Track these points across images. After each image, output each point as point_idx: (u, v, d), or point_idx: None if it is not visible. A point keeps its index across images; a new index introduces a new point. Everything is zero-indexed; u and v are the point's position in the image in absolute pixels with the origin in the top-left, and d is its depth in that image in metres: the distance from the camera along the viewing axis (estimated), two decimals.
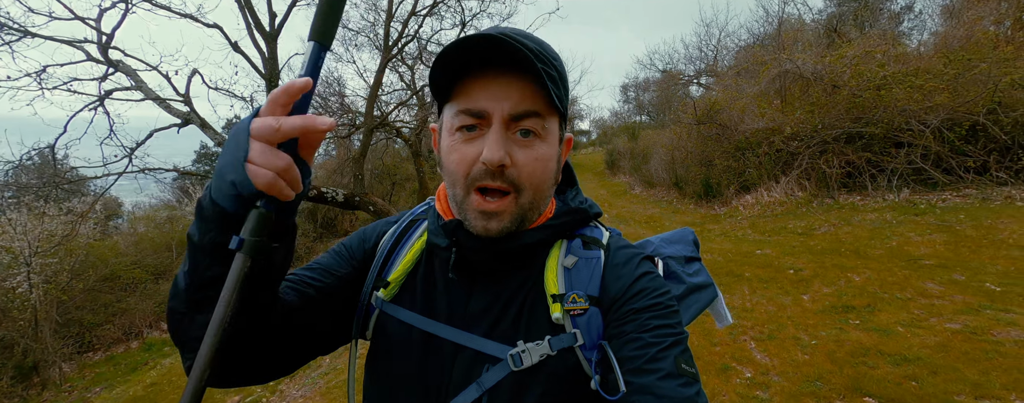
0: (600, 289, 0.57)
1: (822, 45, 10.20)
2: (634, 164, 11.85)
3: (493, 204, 0.54)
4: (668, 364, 0.50)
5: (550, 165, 0.57)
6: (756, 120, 7.83)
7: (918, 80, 6.34)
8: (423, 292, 0.62)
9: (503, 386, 0.54)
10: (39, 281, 7.41)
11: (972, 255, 3.99)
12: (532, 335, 0.56)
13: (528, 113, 0.53)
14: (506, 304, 0.58)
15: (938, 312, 2.96)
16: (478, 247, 0.56)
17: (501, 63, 0.52)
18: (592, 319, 0.55)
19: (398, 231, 0.69)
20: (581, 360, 0.55)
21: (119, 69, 6.16)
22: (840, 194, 6.64)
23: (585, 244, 0.61)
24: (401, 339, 0.60)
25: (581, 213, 0.63)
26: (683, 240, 0.83)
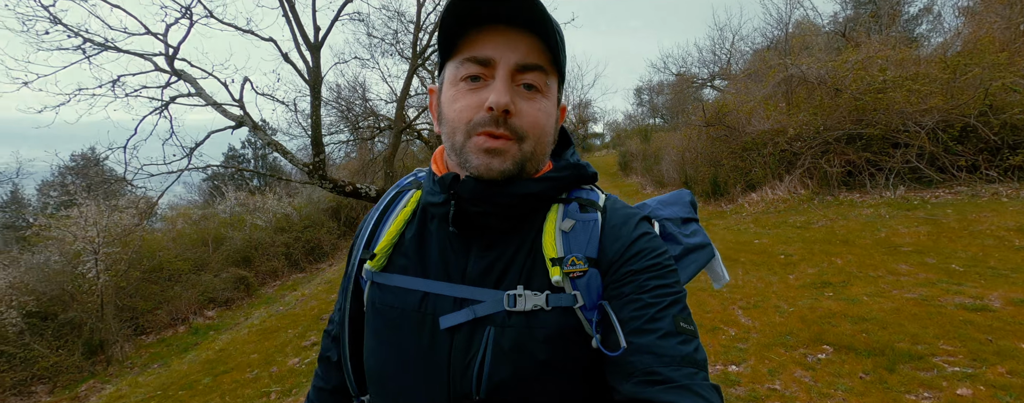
0: (598, 251, 0.58)
1: (833, 49, 10.62)
2: (646, 165, 12.37)
3: (497, 142, 0.54)
4: (667, 323, 0.52)
5: (551, 120, 0.59)
6: (762, 122, 8.32)
7: (916, 84, 6.78)
8: (416, 255, 0.62)
9: (498, 321, 0.55)
10: (103, 268, 8.28)
11: (949, 243, 4.47)
12: (533, 290, 0.57)
13: (534, 66, 0.55)
14: (506, 267, 0.58)
15: (901, 286, 3.48)
16: (477, 196, 0.57)
17: (509, 18, 0.54)
18: (591, 281, 0.56)
19: (382, 205, 0.70)
20: (582, 320, 0.55)
21: (182, 78, 6.97)
22: (841, 192, 7.10)
23: (582, 207, 0.61)
24: (398, 305, 0.60)
25: (579, 169, 0.64)
26: (680, 201, 0.83)
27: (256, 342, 5.23)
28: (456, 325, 0.56)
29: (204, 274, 11.51)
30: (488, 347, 0.55)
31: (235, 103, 6.96)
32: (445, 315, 0.57)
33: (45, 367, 7.29)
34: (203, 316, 9.97)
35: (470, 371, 0.55)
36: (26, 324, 7.61)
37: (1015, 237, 4.34)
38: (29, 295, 7.96)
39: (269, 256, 12.79)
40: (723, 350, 2.91)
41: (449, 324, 0.56)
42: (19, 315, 7.52)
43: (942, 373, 2.33)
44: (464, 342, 0.56)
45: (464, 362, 0.56)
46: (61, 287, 8.15)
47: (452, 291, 0.58)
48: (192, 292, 10.38)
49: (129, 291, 9.34)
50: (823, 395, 2.29)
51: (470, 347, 0.56)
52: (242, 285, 11.37)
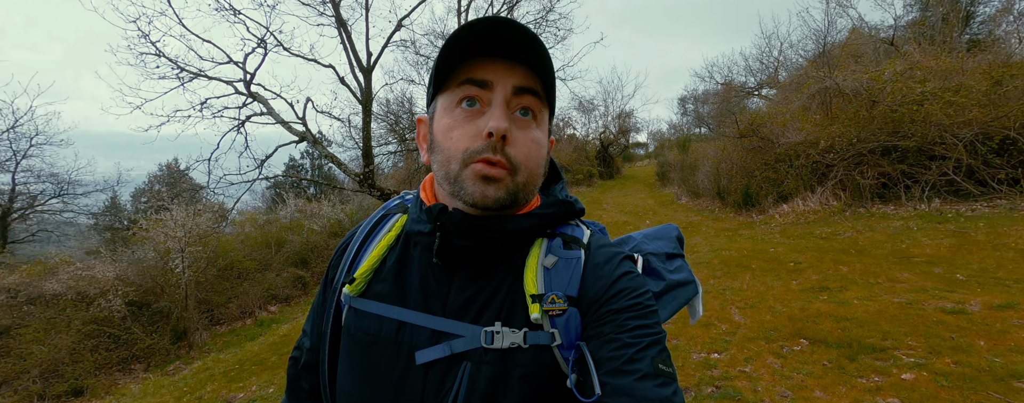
0: (579, 290, 0.58)
1: (879, 59, 10.44)
2: (682, 175, 12.54)
3: (494, 170, 0.54)
4: (645, 364, 0.52)
5: (543, 151, 0.59)
6: (796, 134, 8.42)
7: (955, 96, 6.73)
8: (395, 283, 0.62)
9: (473, 358, 0.55)
10: (187, 265, 9.63)
11: (967, 255, 4.57)
12: (511, 327, 0.56)
13: (531, 89, 0.56)
14: (487, 301, 0.58)
15: (894, 291, 3.73)
16: (464, 230, 0.57)
17: (508, 51, 0.55)
18: (571, 319, 0.56)
19: (368, 226, 0.70)
20: (558, 359, 0.55)
21: (256, 99, 8.15)
22: (874, 204, 7.11)
23: (565, 244, 0.62)
24: (373, 332, 0.60)
25: (567, 205, 0.64)
26: (665, 236, 0.84)
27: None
28: (432, 360, 0.56)
29: (268, 273, 12.88)
30: (463, 384, 0.54)
31: (299, 120, 8.05)
32: (421, 350, 0.57)
33: (142, 348, 8.62)
34: (267, 310, 11.21)
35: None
36: (127, 311, 9.02)
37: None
38: (129, 286, 9.41)
39: (323, 258, 14.02)
40: (710, 341, 3.33)
41: (425, 359, 0.56)
42: (122, 303, 8.94)
43: (897, 363, 2.66)
44: (438, 377, 0.56)
45: (437, 397, 0.55)
46: (154, 280, 9.57)
47: (430, 323, 0.58)
48: (258, 289, 11.69)
49: (206, 286, 10.71)
50: (785, 377, 2.70)
51: (444, 382, 0.55)
52: (300, 284, 12.60)
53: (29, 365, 7.54)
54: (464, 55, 0.55)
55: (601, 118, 20.43)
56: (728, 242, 6.62)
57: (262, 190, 21.82)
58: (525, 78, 0.56)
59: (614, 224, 9.55)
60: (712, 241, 6.88)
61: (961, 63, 7.30)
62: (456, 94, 0.56)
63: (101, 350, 8.27)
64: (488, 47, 0.54)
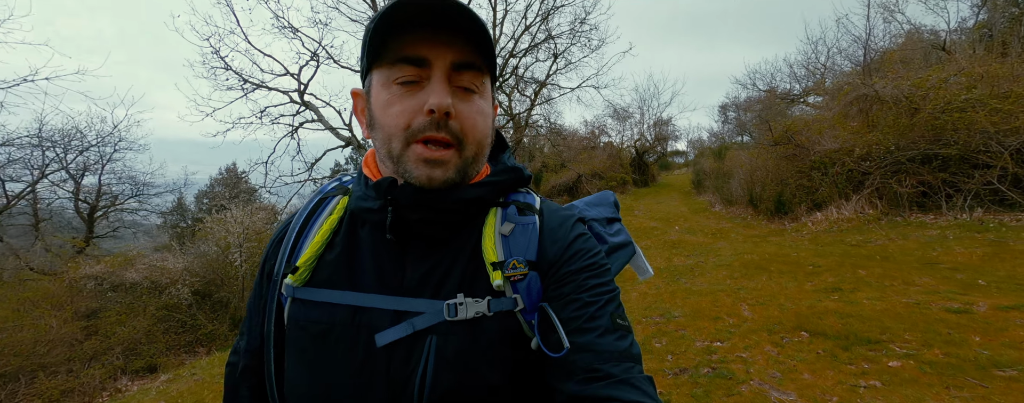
0: (537, 253, 0.60)
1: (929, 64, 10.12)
2: (717, 183, 12.49)
3: (438, 152, 0.54)
4: (605, 321, 0.55)
5: (488, 121, 0.59)
6: (831, 141, 8.35)
7: (1004, 103, 6.56)
8: (345, 267, 0.61)
9: (442, 336, 0.55)
10: (244, 259, 10.60)
11: (999, 263, 4.54)
12: (474, 297, 0.57)
13: (469, 64, 0.55)
14: (445, 273, 0.58)
15: (906, 294, 3.83)
16: (415, 203, 0.56)
17: (438, 20, 0.53)
18: (532, 283, 0.58)
19: (305, 212, 0.67)
20: (521, 323, 0.57)
21: (308, 107, 8.99)
22: (912, 213, 6.98)
23: (520, 210, 0.63)
24: (325, 321, 0.58)
25: (517, 171, 0.65)
26: (604, 202, 0.89)
27: None
28: (394, 341, 0.56)
29: None
30: (430, 357, 0.55)
31: (345, 127, 8.80)
32: (381, 332, 0.56)
33: (205, 333, 9.59)
34: None
35: (411, 382, 0.54)
36: (193, 300, 10.06)
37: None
38: (195, 277, 10.48)
39: None
40: (716, 332, 3.58)
41: (386, 341, 0.56)
42: (189, 292, 9.98)
43: (888, 353, 2.84)
44: (404, 353, 0.55)
45: (404, 373, 0.55)
46: (215, 272, 10.60)
47: (389, 304, 0.57)
48: None
49: None
50: (779, 362, 2.94)
51: (410, 357, 0.55)
52: None
53: (113, 343, 8.60)
54: (393, 26, 0.53)
55: (636, 126, 20.50)
56: (753, 247, 6.71)
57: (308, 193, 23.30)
58: (463, 53, 0.55)
59: (642, 229, 9.71)
60: (737, 247, 6.98)
61: (1011, 68, 7.08)
62: (394, 71, 0.55)
63: (171, 333, 9.28)
64: (423, 21, 0.53)
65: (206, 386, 4.86)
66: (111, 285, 10.66)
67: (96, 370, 7.87)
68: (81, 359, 8.32)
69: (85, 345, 8.66)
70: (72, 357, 8.32)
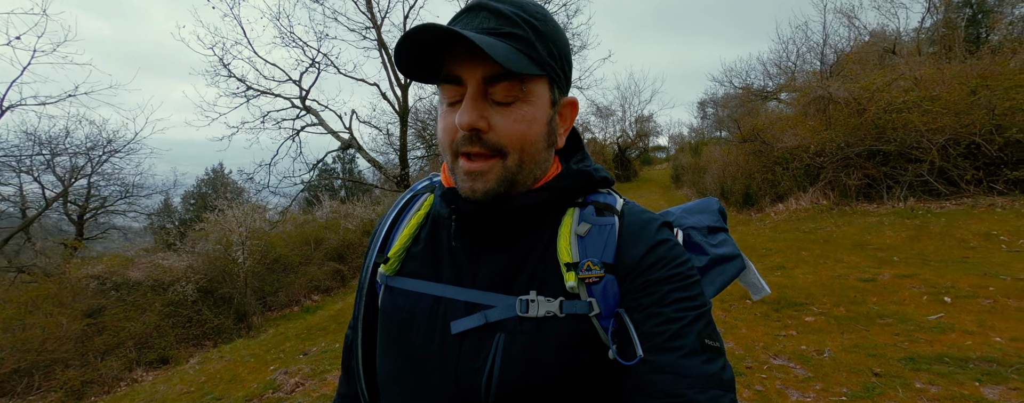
0: (615, 256, 0.57)
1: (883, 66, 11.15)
2: (693, 178, 13.43)
3: (476, 164, 0.56)
4: (691, 340, 0.51)
5: (536, 127, 0.57)
6: (792, 138, 9.29)
7: (933, 105, 7.53)
8: (428, 259, 0.65)
9: (508, 328, 0.56)
10: (246, 256, 11.13)
11: (916, 244, 5.46)
12: (546, 296, 0.57)
13: (503, 76, 0.54)
14: (517, 271, 0.59)
15: (834, 269, 4.70)
16: (473, 212, 0.58)
17: (453, 45, 0.53)
18: (608, 287, 0.55)
19: (397, 208, 0.73)
20: (598, 329, 0.55)
21: (310, 112, 9.55)
22: (859, 203, 7.95)
23: (598, 210, 0.61)
24: (409, 308, 0.63)
25: (583, 176, 0.63)
26: (707, 210, 0.81)
27: None
28: (466, 330, 0.58)
29: (310, 267, 14.40)
30: (498, 354, 0.55)
31: (346, 130, 9.41)
32: (456, 320, 0.59)
33: (211, 327, 10.12)
34: (310, 299, 12.66)
35: (479, 378, 0.56)
36: (198, 296, 10.56)
37: (974, 239, 5.26)
38: (197, 275, 10.96)
39: (358, 254, 15.45)
40: None
41: (460, 329, 0.58)
42: (194, 289, 10.48)
43: (807, 312, 3.68)
44: (473, 348, 0.57)
45: (473, 368, 0.56)
46: (219, 269, 11.10)
47: (463, 295, 0.60)
48: (302, 280, 13.18)
49: (259, 277, 12.24)
50: (724, 323, 3.74)
51: (479, 353, 0.57)
52: (338, 276, 14.03)
53: (125, 337, 9.09)
54: (429, 45, 0.53)
55: (619, 123, 21.40)
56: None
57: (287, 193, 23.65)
58: (493, 67, 0.53)
59: None
60: None
61: (941, 73, 8.08)
62: (442, 89, 0.58)
63: (179, 327, 9.80)
64: (440, 45, 0.53)
65: (238, 364, 5.49)
66: (114, 284, 11.07)
67: (113, 361, 8.39)
68: (95, 352, 8.82)
69: (96, 340, 9.15)
70: (86, 351, 8.82)
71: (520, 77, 0.54)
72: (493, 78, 0.54)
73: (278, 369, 4.87)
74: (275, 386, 4.31)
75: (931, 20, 13.57)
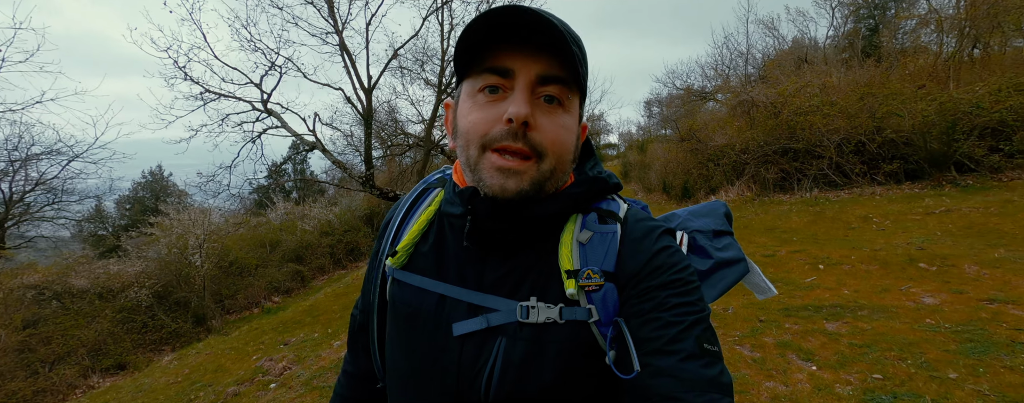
0: (616, 264, 0.58)
1: (798, 72, 12.75)
2: (639, 174, 14.64)
3: (512, 162, 0.55)
4: (690, 344, 0.52)
5: (572, 137, 0.59)
6: (722, 137, 10.55)
7: (831, 109, 8.93)
8: (434, 259, 0.66)
9: (509, 332, 0.57)
10: (204, 260, 11.10)
11: (812, 227, 6.66)
12: (547, 302, 0.58)
13: (556, 78, 0.56)
14: (521, 277, 0.60)
15: (745, 248, 5.70)
16: (494, 214, 0.58)
17: (531, 35, 0.54)
18: (608, 295, 0.56)
19: (409, 200, 0.74)
20: (596, 336, 0.57)
21: (272, 115, 9.74)
22: (775, 194, 9.26)
23: (601, 218, 0.62)
24: (415, 304, 0.64)
25: (600, 182, 0.65)
26: (713, 213, 0.83)
27: (334, 301, 7.80)
28: (468, 333, 0.59)
29: (268, 269, 14.34)
30: (498, 358, 0.57)
31: (309, 132, 9.68)
32: (458, 322, 0.60)
33: (168, 332, 10.08)
34: (271, 301, 12.70)
35: (479, 380, 0.57)
36: (152, 301, 10.43)
37: (855, 221, 6.51)
38: (150, 279, 10.81)
39: (317, 255, 15.55)
40: None
41: (462, 331, 0.59)
42: (149, 294, 10.35)
43: None
44: (474, 350, 0.59)
45: (473, 370, 0.58)
46: (173, 273, 10.99)
47: (467, 297, 0.61)
48: (261, 282, 13.17)
49: (216, 280, 12.15)
50: None
51: (480, 356, 0.58)
52: (298, 278, 14.12)
53: (75, 345, 8.93)
54: (485, 39, 0.55)
55: None
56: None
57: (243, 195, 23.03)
58: (550, 66, 0.55)
59: None
60: None
61: (839, 81, 9.55)
62: (479, 81, 0.57)
63: (134, 333, 9.69)
64: (510, 34, 0.54)
65: (219, 356, 5.81)
66: (54, 293, 10.68)
67: (66, 369, 8.27)
68: (43, 362, 8.64)
69: (42, 350, 8.94)
70: (32, 361, 8.62)
71: (569, 84, 0.57)
72: (547, 78, 0.56)
73: (262, 358, 5.28)
74: (263, 371, 4.75)
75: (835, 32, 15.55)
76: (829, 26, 13.42)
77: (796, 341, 3.13)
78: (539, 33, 0.53)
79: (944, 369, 2.54)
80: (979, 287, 3.57)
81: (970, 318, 3.08)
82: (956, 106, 7.61)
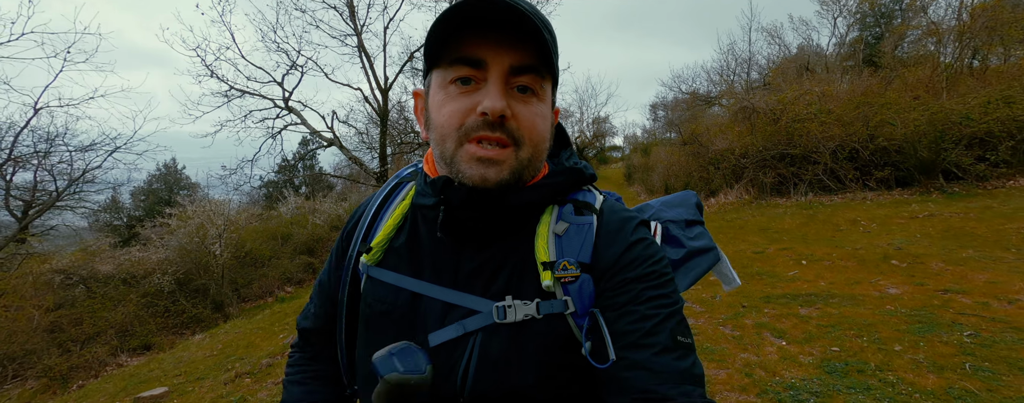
0: (592, 256, 0.58)
1: (800, 80, 13.16)
2: (643, 176, 15.09)
3: (492, 151, 0.55)
4: (664, 337, 0.53)
5: (547, 124, 0.60)
6: (723, 142, 10.99)
7: (827, 117, 9.35)
8: (408, 254, 0.65)
9: (487, 334, 0.57)
10: (223, 249, 11.66)
11: (803, 228, 7.10)
12: (523, 299, 0.58)
13: (528, 67, 0.55)
14: (497, 269, 0.60)
15: (738, 246, 6.20)
16: (468, 204, 0.58)
17: (501, 22, 0.53)
18: (584, 286, 0.57)
19: (382, 195, 0.72)
20: (572, 327, 0.57)
21: (292, 112, 10.27)
22: (772, 197, 9.69)
23: (577, 209, 0.62)
24: (389, 301, 0.63)
25: (576, 173, 0.65)
26: (685, 203, 0.87)
27: None
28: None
29: (281, 260, 14.91)
30: (474, 355, 0.57)
31: (328, 129, 10.21)
32: (434, 332, 0.59)
33: (189, 317, 10.64)
34: (284, 290, 13.25)
35: (454, 376, 0.57)
36: (174, 287, 11.00)
37: (844, 224, 6.95)
38: (171, 266, 11.37)
39: (328, 248, 16.10)
40: None
41: (439, 341, 0.59)
42: (171, 280, 10.92)
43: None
44: (448, 351, 0.58)
45: (449, 365, 0.58)
46: (193, 262, 11.55)
47: (442, 295, 0.61)
48: (274, 272, 13.73)
49: (233, 269, 12.71)
50: None
51: (454, 350, 0.58)
52: (310, 269, 14.66)
53: (105, 326, 9.50)
54: (458, 31, 0.54)
55: (577, 124, 22.97)
56: None
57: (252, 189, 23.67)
58: (522, 56, 0.55)
59: None
60: None
61: (838, 90, 9.97)
62: (450, 72, 0.56)
63: (158, 317, 10.25)
64: (482, 23, 0.54)
65: (249, 334, 6.32)
66: (81, 278, 11.27)
67: (97, 348, 8.85)
68: (75, 341, 9.22)
69: (74, 330, 9.53)
70: (64, 340, 9.21)
71: (541, 72, 0.57)
72: (520, 68, 0.55)
73: (288, 336, 5.79)
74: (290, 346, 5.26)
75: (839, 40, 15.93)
76: (830, 35, 13.81)
77: (772, 322, 3.60)
78: (511, 22, 0.53)
79: (891, 344, 3.00)
80: (939, 280, 4.02)
81: (924, 305, 3.53)
82: (946, 116, 8.02)
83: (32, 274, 11.07)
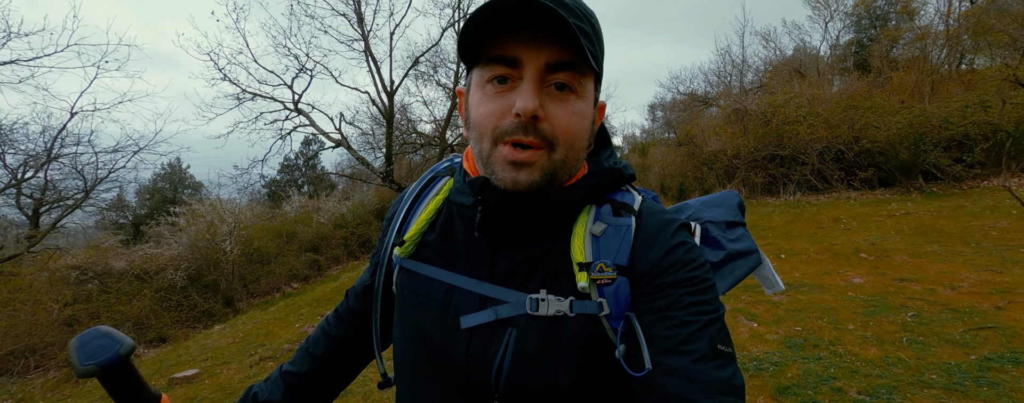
0: (630, 259, 0.58)
1: (792, 83, 13.61)
2: (640, 176, 15.57)
3: (524, 154, 0.55)
4: (703, 345, 0.52)
5: (586, 123, 0.59)
6: (716, 143, 11.45)
7: (815, 120, 9.81)
8: (442, 249, 0.66)
9: (519, 325, 0.57)
10: (233, 246, 12.11)
11: (789, 225, 7.55)
12: (557, 295, 0.58)
13: (564, 64, 0.55)
14: (533, 269, 0.60)
15: None
16: (505, 205, 0.58)
17: (534, 21, 0.53)
18: (620, 289, 0.56)
19: (417, 189, 0.73)
20: (607, 329, 0.56)
21: (301, 113, 10.71)
22: (763, 197, 10.15)
23: (615, 210, 0.62)
24: (423, 293, 0.65)
25: (615, 173, 0.64)
26: (726, 204, 0.83)
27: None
28: (476, 325, 0.59)
29: (287, 257, 15.37)
30: (509, 349, 0.57)
31: (336, 131, 10.65)
32: (466, 315, 0.60)
33: (201, 311, 11.09)
34: (290, 287, 13.71)
35: (488, 370, 0.58)
36: (186, 282, 11.45)
37: (827, 222, 7.41)
38: (183, 263, 11.82)
39: (332, 246, 16.57)
40: None
41: (470, 324, 0.60)
42: (184, 276, 11.37)
43: None
44: (483, 341, 0.59)
45: (482, 361, 0.58)
46: (206, 258, 12.00)
47: (476, 288, 0.61)
48: (281, 269, 14.18)
49: (241, 266, 13.16)
50: None
51: (489, 347, 0.58)
52: (315, 267, 15.14)
53: (121, 319, 9.95)
54: (489, 24, 0.54)
55: None
56: None
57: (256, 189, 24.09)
58: (559, 53, 0.54)
59: None
60: None
61: (828, 93, 10.42)
62: (487, 71, 0.57)
63: (171, 311, 10.70)
64: (518, 19, 0.53)
65: (267, 324, 6.77)
66: (95, 274, 11.71)
67: None
68: None
69: (89, 324, 10.00)
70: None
71: (580, 69, 0.56)
72: (556, 66, 0.55)
73: (305, 325, 6.25)
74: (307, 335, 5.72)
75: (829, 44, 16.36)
76: (821, 39, 14.27)
77: (747, 308, 4.05)
78: (546, 17, 0.52)
79: (846, 324, 3.45)
80: (899, 271, 4.47)
81: (880, 292, 3.99)
82: (927, 120, 8.48)
83: (48, 270, 11.52)
